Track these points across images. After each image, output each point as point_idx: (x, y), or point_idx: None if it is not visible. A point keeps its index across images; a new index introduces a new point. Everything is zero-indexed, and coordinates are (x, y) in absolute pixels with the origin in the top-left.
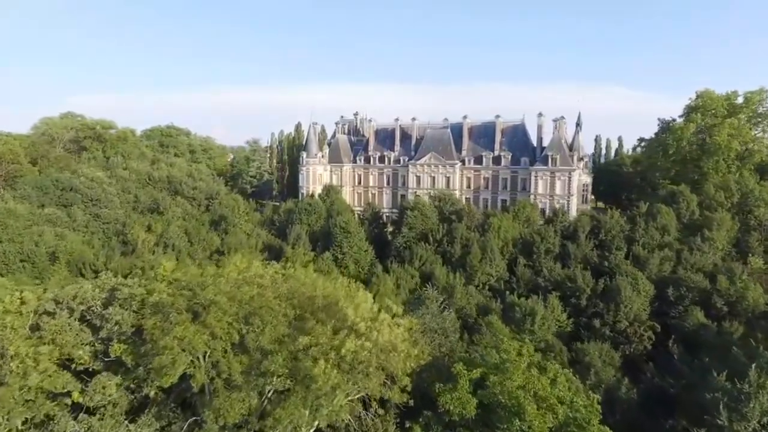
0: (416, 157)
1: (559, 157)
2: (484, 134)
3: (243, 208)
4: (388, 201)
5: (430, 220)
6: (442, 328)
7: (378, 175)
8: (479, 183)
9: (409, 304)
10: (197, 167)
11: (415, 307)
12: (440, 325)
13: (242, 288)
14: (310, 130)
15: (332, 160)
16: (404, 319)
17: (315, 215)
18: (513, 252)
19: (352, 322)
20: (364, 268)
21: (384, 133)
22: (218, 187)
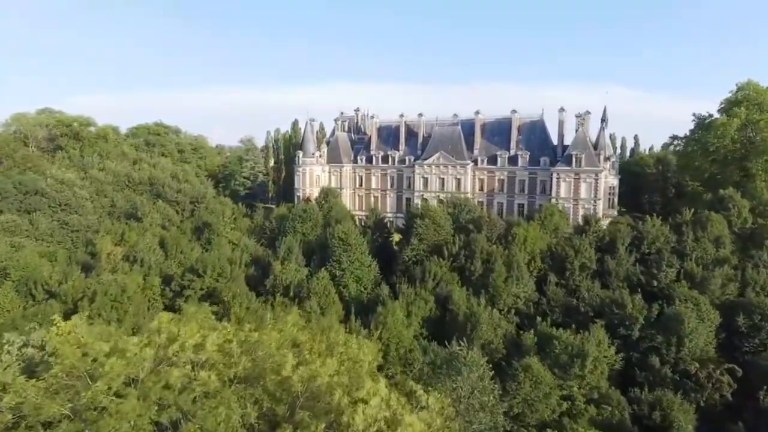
0: (423, 156)
1: (584, 156)
2: (498, 131)
3: (229, 214)
4: (392, 205)
5: (443, 230)
6: (483, 404)
7: (381, 176)
8: (493, 185)
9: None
10: (183, 168)
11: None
12: (483, 402)
13: (167, 372)
14: (307, 127)
15: (331, 160)
16: (429, 395)
17: (310, 223)
18: (542, 268)
19: None
20: (366, 287)
21: (387, 130)
22: (205, 189)
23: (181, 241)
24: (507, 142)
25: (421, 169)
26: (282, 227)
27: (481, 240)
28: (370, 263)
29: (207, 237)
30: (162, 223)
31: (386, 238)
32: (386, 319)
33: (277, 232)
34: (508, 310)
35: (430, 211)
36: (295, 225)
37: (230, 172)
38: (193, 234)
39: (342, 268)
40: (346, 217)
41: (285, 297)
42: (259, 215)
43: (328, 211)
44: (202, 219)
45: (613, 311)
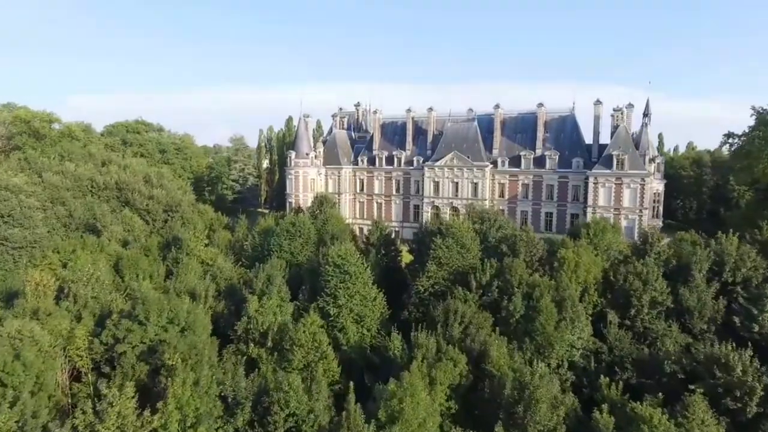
0: (434, 157)
1: (627, 157)
2: (521, 128)
3: (202, 228)
4: (397, 213)
5: (469, 254)
6: None
7: (385, 180)
8: (516, 190)
9: None
10: (159, 170)
11: None
12: None
13: None
14: (300, 124)
15: (328, 162)
16: None
17: (300, 240)
18: (598, 303)
19: None
20: (370, 329)
21: (392, 127)
22: (182, 195)
23: (140, 262)
24: (532, 141)
25: (431, 171)
26: (266, 245)
27: (518, 267)
28: (375, 295)
29: (174, 256)
30: (125, 238)
31: (394, 257)
32: (402, 404)
33: (260, 249)
34: (558, 364)
35: (453, 228)
36: (282, 242)
37: (217, 175)
38: (160, 252)
39: (338, 304)
40: (344, 233)
41: (261, 347)
42: (242, 227)
43: (323, 224)
44: (172, 232)
45: (713, 373)
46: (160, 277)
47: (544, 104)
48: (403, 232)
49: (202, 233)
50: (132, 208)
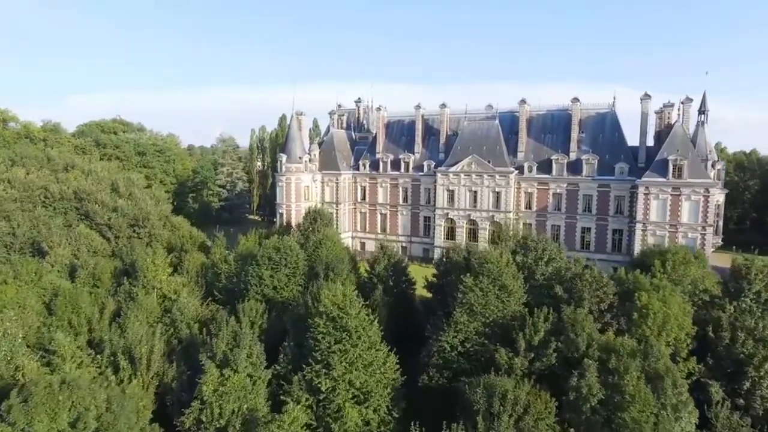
0: (448, 161)
1: (686, 163)
2: (551, 128)
3: (164, 254)
4: (404, 225)
5: (512, 298)
6: None
7: (390, 187)
8: (546, 201)
9: None
10: (128, 176)
11: None
12: None
13: None
14: (293, 123)
15: (325, 166)
16: None
17: (286, 270)
18: (695, 369)
19: None
20: (378, 410)
21: (399, 126)
22: (153, 206)
23: (81, 299)
24: (564, 143)
25: (445, 178)
26: (244, 275)
27: (585, 322)
28: (385, 358)
29: (127, 290)
30: (72, 262)
31: (406, 291)
32: None
33: (237, 280)
34: None
35: (488, 263)
36: (262, 273)
37: (202, 180)
38: (114, 281)
39: (332, 376)
40: (342, 262)
41: None
42: (218, 248)
43: (315, 248)
44: (129, 258)
45: None
46: (103, 322)
47: (579, 99)
48: (411, 248)
49: (165, 261)
50: (92, 222)
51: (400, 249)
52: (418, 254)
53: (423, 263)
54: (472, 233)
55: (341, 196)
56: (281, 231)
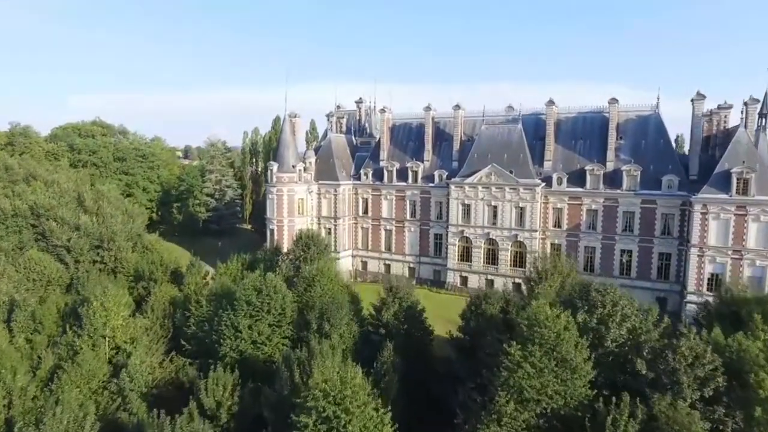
0: (463, 171)
1: (754, 177)
2: (583, 133)
3: (119, 293)
4: (412, 243)
5: (576, 376)
6: None
7: (396, 200)
8: (578, 218)
9: None
10: (96, 189)
11: None
12: None
13: None
14: (286, 126)
15: (321, 176)
16: None
17: (269, 318)
18: None
19: None
20: None
21: (405, 131)
22: (124, 223)
23: (6, 357)
24: (600, 150)
25: (459, 190)
26: (216, 324)
27: (689, 420)
28: None
29: (69, 341)
30: (12, 299)
31: (422, 343)
32: None
33: (209, 328)
34: None
35: (542, 325)
36: (239, 321)
37: (188, 188)
38: (60, 324)
39: None
40: (340, 308)
41: None
42: (193, 279)
43: (307, 286)
44: (80, 295)
45: None
46: (26, 395)
47: (617, 100)
48: (420, 269)
49: (121, 301)
50: (48, 244)
51: (407, 270)
52: (428, 276)
53: (433, 287)
54: (491, 255)
55: (340, 209)
56: (269, 256)
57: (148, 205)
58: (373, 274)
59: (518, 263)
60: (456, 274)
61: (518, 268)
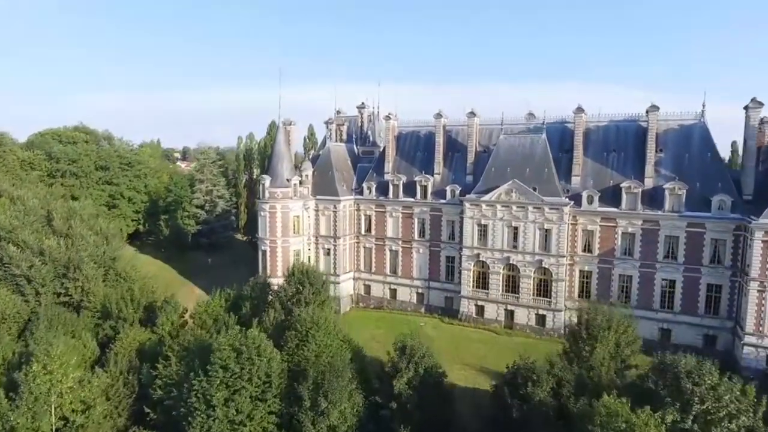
0: (479, 187)
1: None
2: (616, 144)
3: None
4: (421, 266)
5: None
6: None
7: (403, 217)
8: (612, 243)
9: None
10: (70, 206)
11: None
12: None
13: None
14: (280, 135)
15: (319, 190)
16: None
17: (251, 387)
18: None
19: None
20: None
21: (413, 140)
22: (97, 246)
23: None
24: (635, 164)
25: (475, 209)
26: (187, 391)
27: None
28: None
29: (3, 412)
30: None
31: (442, 418)
32: None
33: (177, 394)
34: None
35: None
36: (213, 395)
37: (176, 199)
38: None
39: None
40: (340, 376)
41: None
42: (168, 318)
43: (300, 342)
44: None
45: None
46: None
47: (658, 107)
48: (429, 295)
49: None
50: (6, 272)
51: (415, 296)
52: (439, 303)
53: (445, 316)
54: (511, 282)
55: (340, 227)
56: (257, 293)
57: (134, 217)
58: (377, 300)
59: (543, 292)
60: (471, 303)
61: (542, 298)
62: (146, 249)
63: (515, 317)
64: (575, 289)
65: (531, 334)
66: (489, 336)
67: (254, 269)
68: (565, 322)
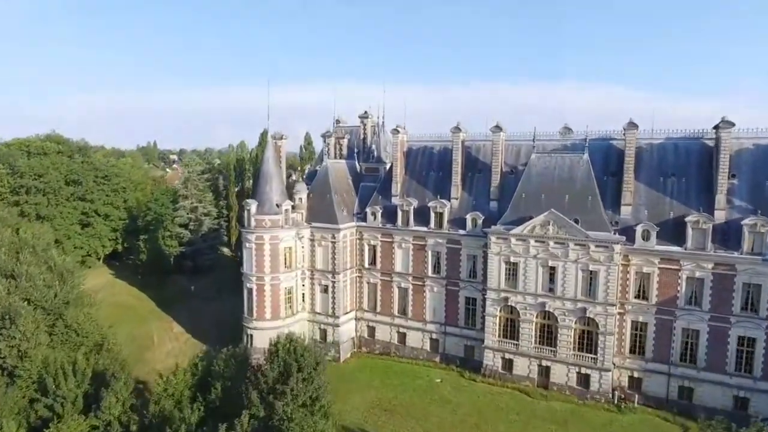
0: (508, 216)
1: None
2: (674, 167)
3: None
4: (435, 308)
5: None
6: None
7: (414, 249)
8: (674, 290)
9: None
10: (21, 237)
11: None
12: None
13: None
14: (269, 151)
15: (316, 216)
16: None
17: None
18: None
19: None
20: None
21: (425, 157)
22: (51, 286)
23: None
24: (701, 192)
25: (503, 243)
26: None
27: None
28: None
29: None
30: None
31: None
32: None
33: None
34: None
35: None
36: None
37: (156, 218)
38: None
39: None
40: None
41: None
42: (114, 398)
43: None
44: None
45: None
46: None
47: (732, 123)
48: (446, 342)
49: None
50: None
51: (428, 342)
52: (457, 353)
53: (465, 369)
54: (546, 332)
55: (340, 260)
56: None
57: (111, 236)
58: (383, 344)
59: (586, 347)
60: (496, 356)
61: (586, 354)
62: (125, 272)
63: (551, 375)
64: (626, 343)
65: (572, 397)
66: (521, 400)
67: (243, 298)
68: (613, 384)
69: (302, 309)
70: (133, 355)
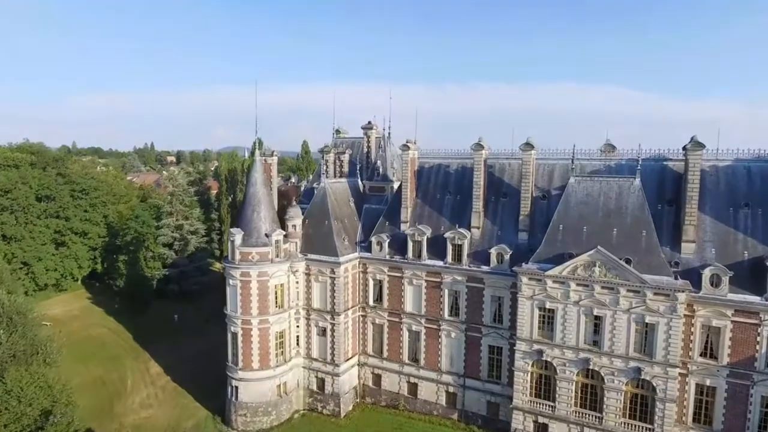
0: (542, 252)
1: None
2: (748, 196)
3: None
4: (453, 356)
5: None
6: None
7: (427, 287)
8: (751, 348)
9: None
10: None
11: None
12: None
13: None
14: (255, 171)
15: (311, 247)
16: None
17: None
18: None
19: None
20: None
21: (440, 177)
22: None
23: None
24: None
25: (536, 286)
26: None
27: None
28: None
29: None
30: None
31: None
32: None
33: None
34: None
35: None
36: None
37: (137, 237)
38: None
39: None
40: None
41: None
42: None
43: None
44: None
45: None
46: None
47: None
48: (465, 396)
49: None
50: None
51: (444, 395)
52: (478, 410)
53: (488, 429)
54: (590, 394)
55: (340, 298)
56: None
57: (90, 256)
58: (391, 395)
59: (639, 414)
60: (528, 418)
61: (639, 423)
62: (103, 296)
63: None
64: (689, 411)
65: None
66: None
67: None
68: None
69: (296, 354)
70: (99, 407)
